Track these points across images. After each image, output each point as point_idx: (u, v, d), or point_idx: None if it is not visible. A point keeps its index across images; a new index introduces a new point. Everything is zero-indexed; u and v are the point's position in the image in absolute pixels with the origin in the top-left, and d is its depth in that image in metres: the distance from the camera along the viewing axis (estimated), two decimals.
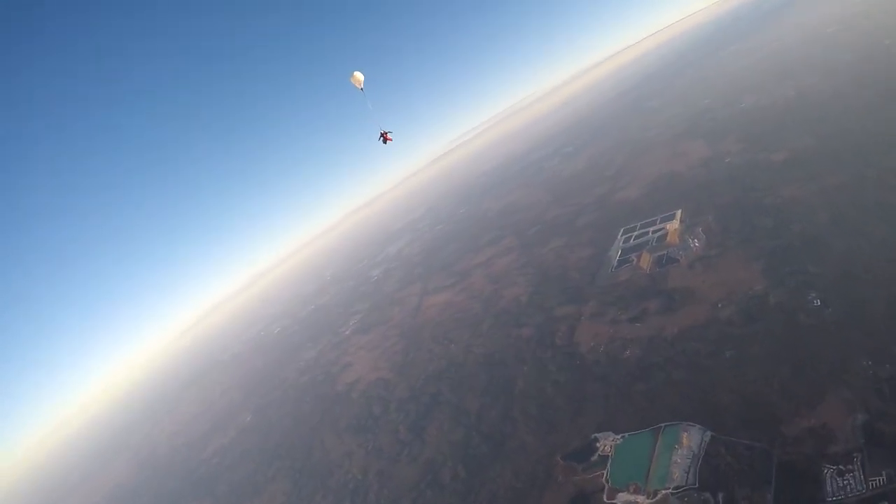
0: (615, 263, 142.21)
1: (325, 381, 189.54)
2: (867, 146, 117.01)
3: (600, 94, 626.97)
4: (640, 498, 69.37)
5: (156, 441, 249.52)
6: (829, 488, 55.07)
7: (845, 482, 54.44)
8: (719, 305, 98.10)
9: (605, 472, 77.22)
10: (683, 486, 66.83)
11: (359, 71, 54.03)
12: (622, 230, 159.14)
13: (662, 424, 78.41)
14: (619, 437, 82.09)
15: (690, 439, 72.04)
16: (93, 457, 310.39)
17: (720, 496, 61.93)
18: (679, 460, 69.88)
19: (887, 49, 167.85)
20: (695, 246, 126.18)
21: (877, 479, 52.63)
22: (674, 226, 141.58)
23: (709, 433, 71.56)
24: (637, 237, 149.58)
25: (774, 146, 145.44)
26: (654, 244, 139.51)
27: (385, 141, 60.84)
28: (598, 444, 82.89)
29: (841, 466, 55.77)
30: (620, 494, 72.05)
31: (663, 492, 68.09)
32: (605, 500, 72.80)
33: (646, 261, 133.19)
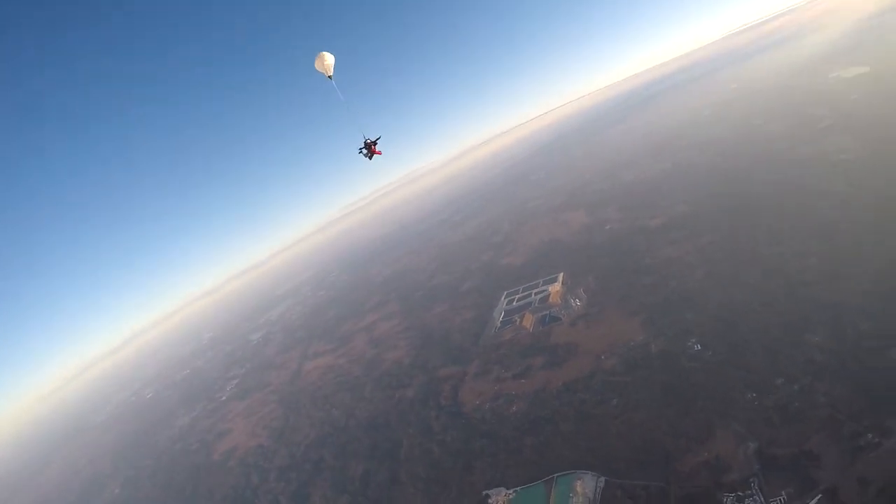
0: (498, 324, 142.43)
1: (199, 449, 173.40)
2: (738, 207, 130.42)
3: (489, 168, 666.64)
4: None
5: None
6: None
7: None
8: (602, 357, 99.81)
9: None
10: None
11: (328, 52, 41.93)
12: (505, 293, 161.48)
13: (555, 475, 75.68)
14: (510, 491, 78.29)
15: (585, 486, 69.79)
16: None
17: None
18: None
19: (758, 127, 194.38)
20: (576, 305, 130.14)
21: (777, 499, 52.82)
22: (556, 287, 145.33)
23: (602, 479, 69.74)
24: (520, 299, 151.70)
25: (652, 213, 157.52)
26: (536, 305, 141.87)
27: (371, 155, 45.18)
28: (490, 501, 78.27)
29: (739, 493, 56.18)
30: None
31: None
32: None
33: (529, 321, 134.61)
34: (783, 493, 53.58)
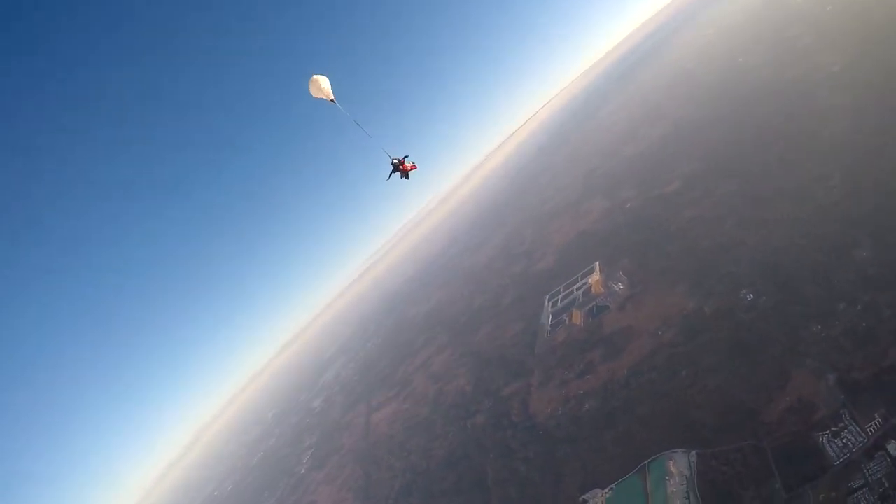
0: (549, 329, 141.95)
1: None
2: (746, 149, 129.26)
3: (495, 184, 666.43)
4: None
5: None
6: (831, 453, 54.55)
7: (844, 440, 53.96)
8: (659, 333, 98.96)
9: None
10: None
11: (320, 75, 35.68)
12: (548, 297, 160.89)
13: (645, 462, 75.09)
14: (607, 490, 77.77)
15: (678, 465, 69.07)
16: None
17: None
18: (675, 489, 66.66)
19: (743, 64, 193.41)
20: (619, 289, 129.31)
21: (872, 424, 51.98)
22: (595, 278, 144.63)
23: (694, 453, 69.04)
24: (563, 298, 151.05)
25: (666, 180, 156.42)
26: (581, 299, 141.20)
27: (404, 174, 39.52)
28: None
29: (833, 428, 55.44)
30: None
31: None
32: None
33: (578, 317, 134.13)
34: (876, 415, 52.63)
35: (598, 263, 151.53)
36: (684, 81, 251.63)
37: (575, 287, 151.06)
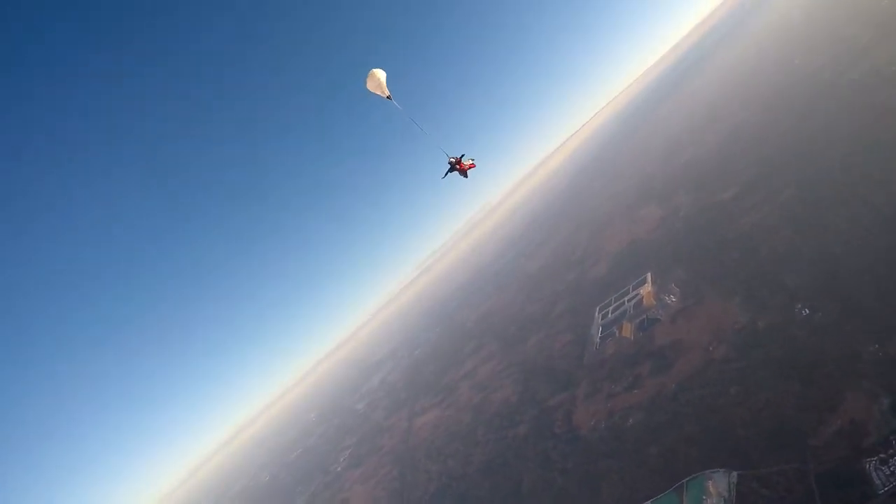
0: (598, 341, 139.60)
1: None
2: (806, 152, 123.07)
3: (549, 190, 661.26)
4: None
5: None
6: (877, 480, 51.28)
7: (892, 467, 50.53)
8: (710, 348, 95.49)
9: None
10: None
11: (378, 69, 35.31)
12: (598, 308, 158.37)
13: (684, 480, 72.65)
14: None
15: (717, 485, 66.41)
16: None
17: None
18: None
19: (800, 65, 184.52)
20: (671, 301, 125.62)
21: None
22: (647, 289, 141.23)
23: (735, 473, 66.10)
24: (614, 310, 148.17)
25: (722, 186, 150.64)
26: (632, 312, 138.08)
27: (462, 172, 39.31)
28: None
29: (882, 455, 51.89)
30: None
31: None
32: None
33: (628, 329, 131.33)
34: None
35: (650, 274, 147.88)
36: (739, 84, 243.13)
37: (626, 298, 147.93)
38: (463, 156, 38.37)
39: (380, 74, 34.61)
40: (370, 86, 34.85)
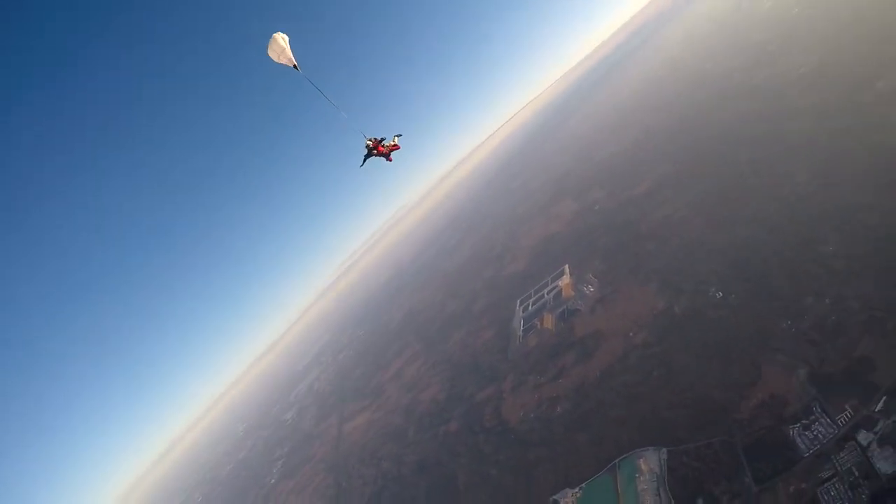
0: (521, 334, 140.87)
1: None
2: (716, 151, 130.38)
3: (468, 189, 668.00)
4: None
5: None
6: (801, 445, 54.50)
7: (815, 432, 53.92)
8: (630, 335, 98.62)
9: None
10: None
11: (280, 33, 30.29)
12: (519, 301, 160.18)
13: (616, 461, 74.55)
14: (577, 490, 77.24)
15: (649, 463, 68.72)
16: None
17: (699, 502, 58.96)
18: (645, 486, 66.51)
19: (712, 70, 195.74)
20: (590, 291, 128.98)
21: (843, 415, 51.94)
22: (565, 280, 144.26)
23: (664, 450, 68.58)
24: (535, 302, 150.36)
25: (636, 182, 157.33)
26: (552, 303, 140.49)
27: (384, 155, 34.02)
28: None
29: (804, 421, 55.06)
30: None
31: None
32: None
33: (549, 321, 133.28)
34: (847, 406, 52.73)
35: (567, 266, 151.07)
36: (655, 88, 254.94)
37: (546, 290, 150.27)
38: (384, 138, 33.57)
39: (282, 39, 30.47)
40: (272, 53, 30.64)
